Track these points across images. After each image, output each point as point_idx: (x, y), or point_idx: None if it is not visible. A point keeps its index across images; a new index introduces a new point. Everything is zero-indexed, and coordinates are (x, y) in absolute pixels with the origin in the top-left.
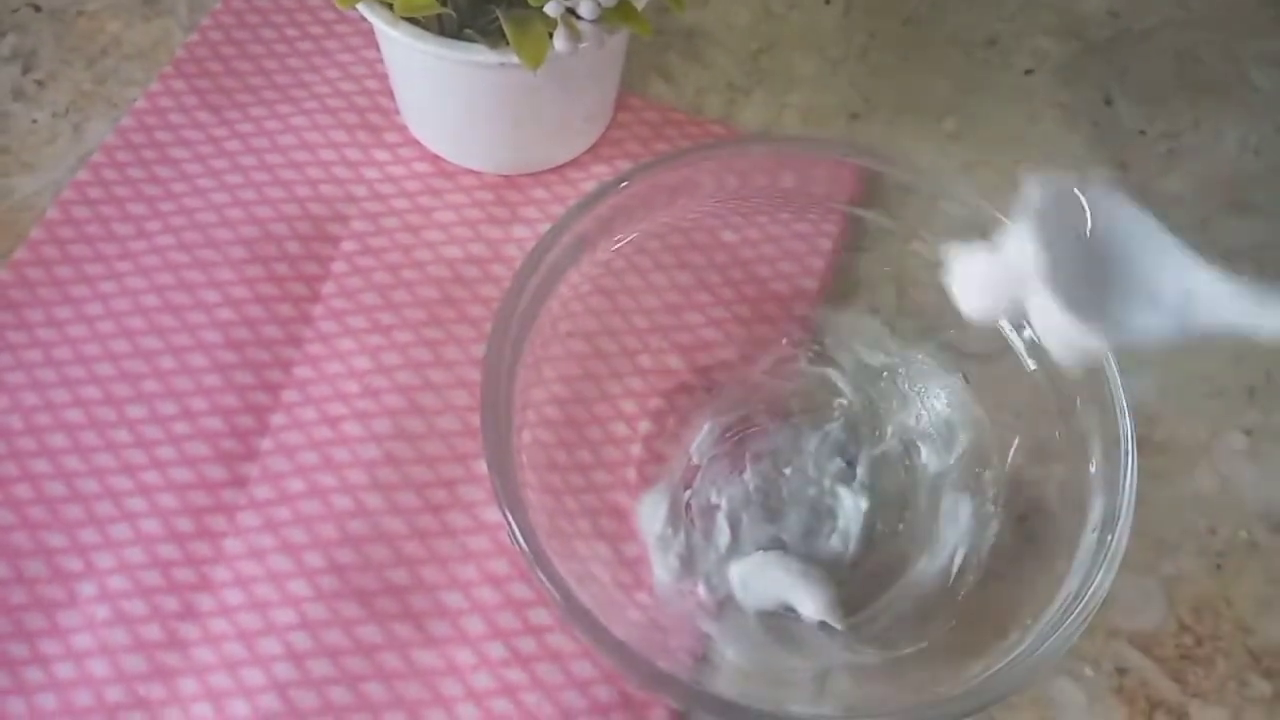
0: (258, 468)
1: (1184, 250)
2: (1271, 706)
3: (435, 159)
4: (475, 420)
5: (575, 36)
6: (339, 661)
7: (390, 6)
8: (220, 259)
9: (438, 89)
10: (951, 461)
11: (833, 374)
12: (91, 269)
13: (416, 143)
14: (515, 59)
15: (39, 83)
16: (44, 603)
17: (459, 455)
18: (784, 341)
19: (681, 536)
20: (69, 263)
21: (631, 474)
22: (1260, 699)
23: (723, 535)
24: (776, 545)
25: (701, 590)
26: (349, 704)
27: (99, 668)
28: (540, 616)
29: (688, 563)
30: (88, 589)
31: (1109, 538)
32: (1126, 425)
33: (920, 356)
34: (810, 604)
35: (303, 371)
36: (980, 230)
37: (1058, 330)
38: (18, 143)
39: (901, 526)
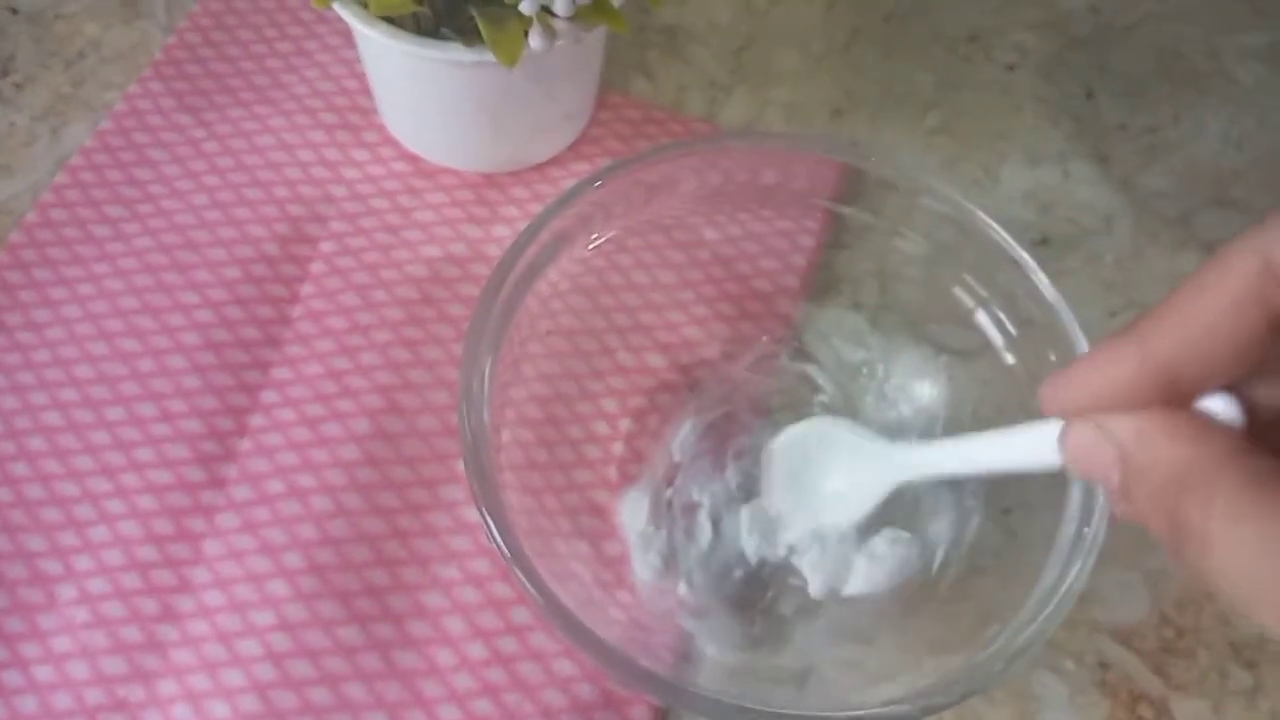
0: (236, 469)
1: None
2: (1252, 698)
3: (414, 158)
4: (455, 420)
5: (551, 34)
6: (319, 662)
7: (366, 6)
8: (198, 261)
9: (415, 88)
10: None
11: (813, 370)
12: (70, 271)
13: (395, 142)
14: (491, 57)
15: (17, 86)
16: (23, 606)
17: (439, 455)
18: (765, 339)
19: (663, 534)
20: (48, 265)
21: (613, 472)
22: (1241, 690)
23: (704, 533)
24: None
25: (683, 588)
26: (329, 705)
27: (79, 670)
28: (522, 616)
29: (669, 561)
30: (67, 592)
31: (1086, 530)
32: None
33: (901, 352)
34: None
35: (281, 373)
36: (958, 226)
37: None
38: None
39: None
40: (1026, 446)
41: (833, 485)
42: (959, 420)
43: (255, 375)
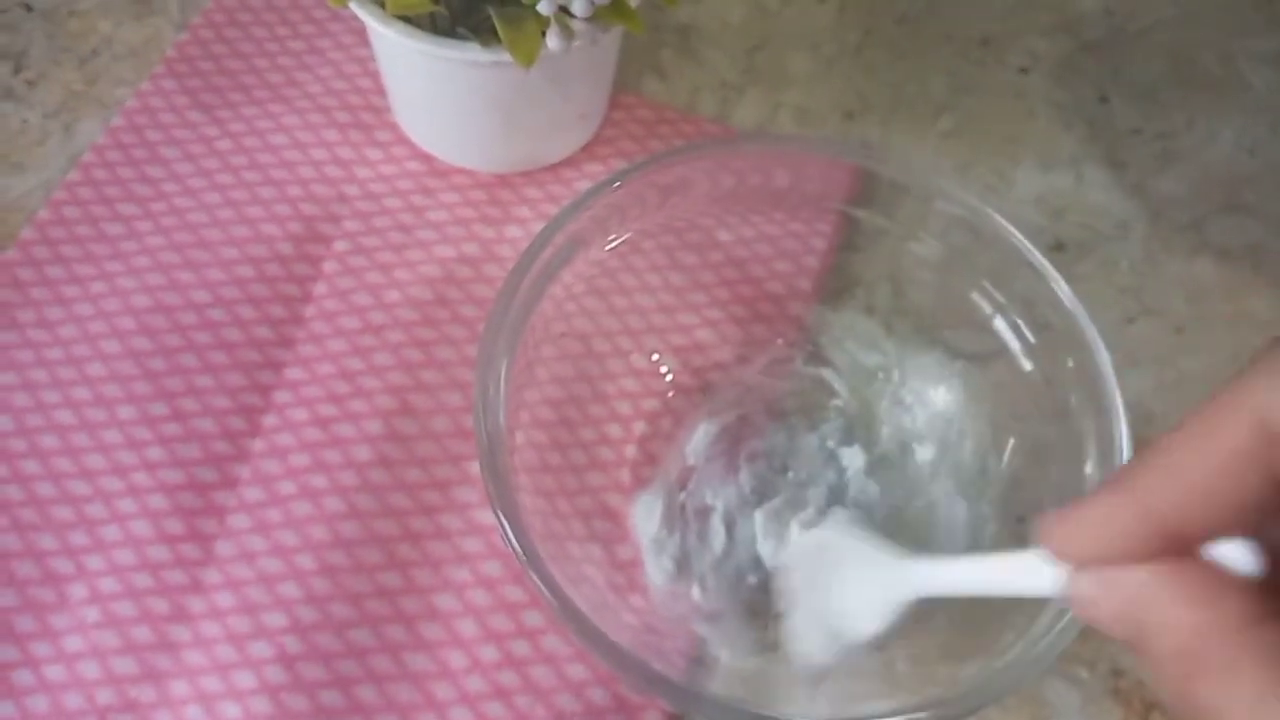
0: (249, 469)
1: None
2: None
3: (428, 158)
4: (469, 421)
5: (568, 35)
6: (331, 664)
7: (382, 4)
8: (211, 259)
9: (430, 87)
10: (947, 463)
11: (828, 374)
12: (83, 269)
13: (409, 141)
14: (508, 57)
15: (29, 83)
16: (34, 605)
17: (452, 456)
18: (779, 342)
19: (676, 539)
20: (60, 263)
21: (626, 476)
22: None
23: (717, 538)
24: None
25: (696, 593)
26: (341, 707)
27: (90, 670)
28: (533, 619)
29: (682, 565)
30: (78, 591)
31: None
32: (1121, 426)
33: (916, 356)
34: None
35: (294, 373)
36: (974, 230)
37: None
38: (8, 143)
39: (897, 528)
40: (1045, 576)
41: (849, 597)
42: (976, 425)
43: (268, 375)
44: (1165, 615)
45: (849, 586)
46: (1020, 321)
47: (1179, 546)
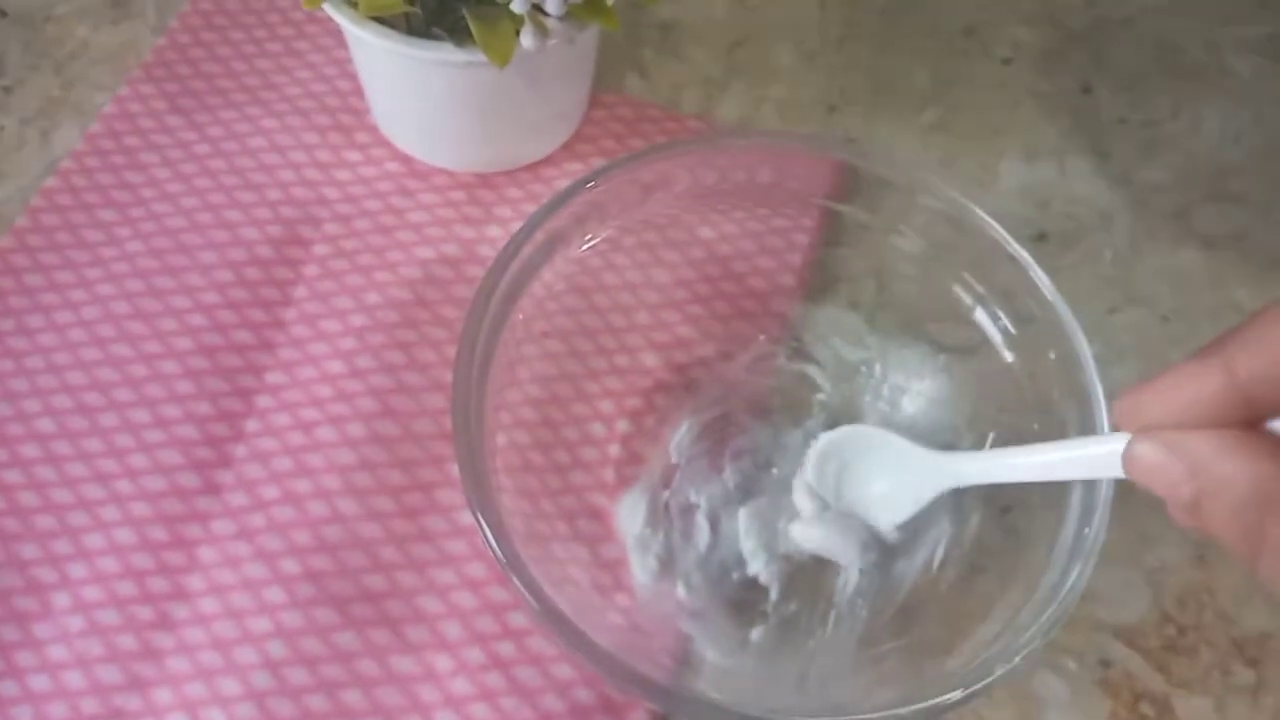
0: (232, 475)
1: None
2: (1255, 695)
3: (407, 159)
4: (450, 423)
5: (543, 33)
6: (316, 669)
7: (356, 6)
8: (191, 264)
9: (407, 88)
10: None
11: (812, 370)
12: (62, 276)
13: (388, 143)
14: (483, 57)
15: (6, 89)
16: (18, 615)
17: (435, 458)
18: (762, 338)
19: (661, 537)
20: (39, 270)
21: (609, 474)
22: (1244, 688)
23: (702, 535)
24: None
25: (681, 590)
26: (326, 712)
27: (74, 680)
28: (519, 620)
29: (667, 563)
30: (62, 600)
31: (1086, 530)
32: (1102, 415)
33: (899, 350)
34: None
35: (275, 377)
36: (956, 224)
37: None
38: None
39: None
40: (1078, 458)
41: (878, 487)
42: (959, 418)
43: (249, 379)
44: (1238, 469)
45: (878, 477)
46: (1001, 313)
47: (1250, 418)
